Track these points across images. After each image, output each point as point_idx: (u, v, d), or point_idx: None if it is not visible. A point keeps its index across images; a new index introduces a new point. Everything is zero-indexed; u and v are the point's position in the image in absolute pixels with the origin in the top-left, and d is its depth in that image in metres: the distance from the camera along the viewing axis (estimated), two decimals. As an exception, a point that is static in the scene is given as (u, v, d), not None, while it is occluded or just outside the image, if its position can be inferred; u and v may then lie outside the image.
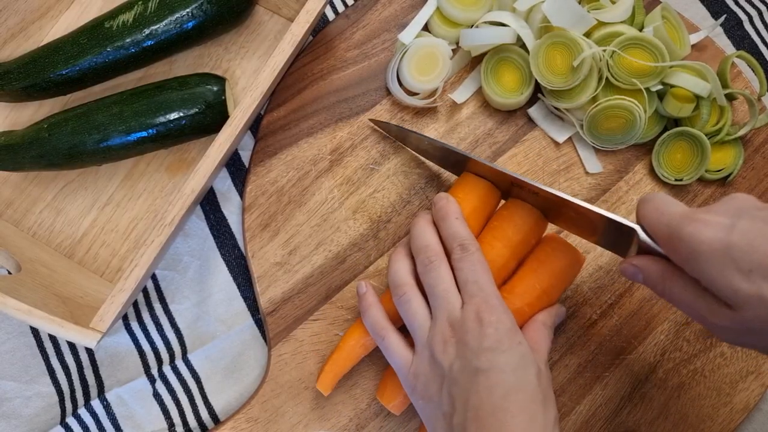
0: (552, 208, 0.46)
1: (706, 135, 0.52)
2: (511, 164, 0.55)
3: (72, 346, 0.52)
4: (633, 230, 0.40)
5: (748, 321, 0.34)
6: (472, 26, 0.56)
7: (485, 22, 0.55)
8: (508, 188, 0.48)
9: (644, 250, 0.41)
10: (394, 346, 0.44)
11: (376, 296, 0.47)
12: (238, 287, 0.53)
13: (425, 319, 0.43)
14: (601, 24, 0.53)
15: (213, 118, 0.51)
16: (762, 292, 0.33)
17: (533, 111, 0.56)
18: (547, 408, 0.39)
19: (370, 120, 0.55)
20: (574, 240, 0.51)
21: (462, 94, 0.56)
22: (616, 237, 0.43)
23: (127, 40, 0.51)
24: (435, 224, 0.46)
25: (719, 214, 0.35)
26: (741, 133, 0.54)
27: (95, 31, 0.51)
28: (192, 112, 0.51)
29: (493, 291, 0.41)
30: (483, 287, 0.41)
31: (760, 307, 0.33)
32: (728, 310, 0.35)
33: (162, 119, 0.50)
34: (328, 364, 0.47)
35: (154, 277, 0.53)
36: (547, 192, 0.44)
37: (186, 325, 0.52)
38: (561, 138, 0.55)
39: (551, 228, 0.50)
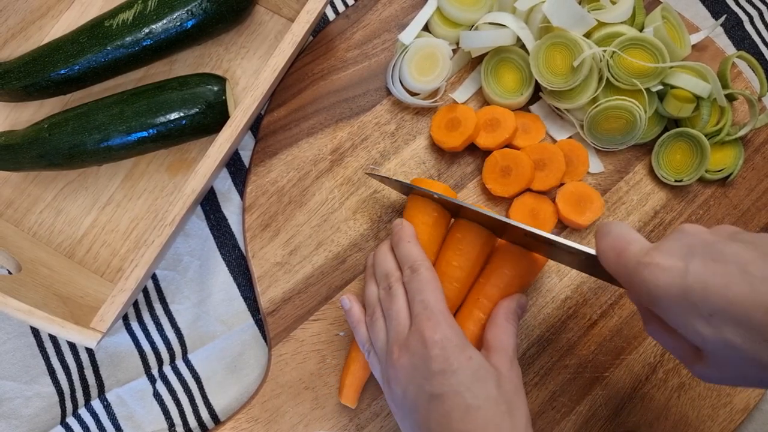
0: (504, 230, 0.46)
1: (706, 135, 0.53)
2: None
3: (72, 346, 0.52)
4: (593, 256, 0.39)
5: (721, 365, 0.33)
6: (472, 27, 0.56)
7: (485, 23, 0.54)
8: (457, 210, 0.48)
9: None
10: (374, 366, 0.44)
11: (362, 311, 0.47)
12: (239, 287, 0.53)
13: (385, 342, 0.43)
14: (601, 24, 0.53)
15: (213, 118, 0.51)
16: (725, 336, 0.31)
17: (534, 111, 0.56)
18: (514, 413, 0.38)
19: (366, 173, 0.53)
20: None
21: (462, 94, 0.56)
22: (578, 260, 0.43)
23: (127, 39, 0.51)
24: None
25: (672, 255, 0.33)
26: (741, 133, 0.54)
27: (95, 30, 0.51)
28: (192, 112, 0.50)
29: (439, 308, 0.41)
30: (428, 305, 0.41)
31: (726, 350, 0.31)
32: (701, 355, 0.34)
33: (162, 119, 0.50)
34: (348, 377, 0.47)
35: (154, 277, 0.53)
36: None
37: (186, 325, 0.52)
38: (561, 138, 0.55)
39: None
